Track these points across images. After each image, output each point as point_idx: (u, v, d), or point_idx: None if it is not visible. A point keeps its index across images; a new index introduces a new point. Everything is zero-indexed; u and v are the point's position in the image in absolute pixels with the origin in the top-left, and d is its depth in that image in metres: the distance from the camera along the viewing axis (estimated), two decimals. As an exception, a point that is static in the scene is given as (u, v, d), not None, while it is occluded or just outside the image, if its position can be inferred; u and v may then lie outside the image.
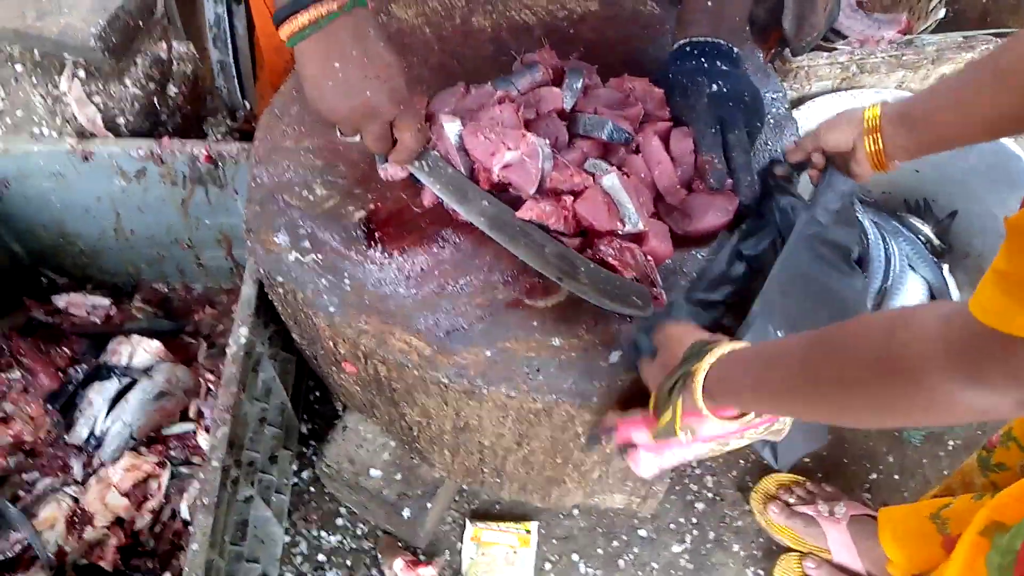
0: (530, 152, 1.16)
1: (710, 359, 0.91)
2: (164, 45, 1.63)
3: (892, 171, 1.15)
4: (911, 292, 1.82)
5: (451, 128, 1.18)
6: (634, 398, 1.10)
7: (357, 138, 1.07)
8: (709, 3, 1.26)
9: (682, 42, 1.28)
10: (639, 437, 1.02)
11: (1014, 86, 0.93)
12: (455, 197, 1.17)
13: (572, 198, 1.16)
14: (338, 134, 1.07)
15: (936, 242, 1.91)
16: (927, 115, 1.06)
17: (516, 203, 1.16)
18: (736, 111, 1.20)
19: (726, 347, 0.92)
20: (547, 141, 1.19)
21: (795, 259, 1.13)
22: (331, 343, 1.18)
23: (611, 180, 1.16)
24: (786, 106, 1.41)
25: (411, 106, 1.06)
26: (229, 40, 1.90)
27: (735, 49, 1.26)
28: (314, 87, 0.99)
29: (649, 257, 1.14)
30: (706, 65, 1.23)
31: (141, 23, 1.53)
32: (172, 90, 1.70)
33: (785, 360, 0.85)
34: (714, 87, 1.21)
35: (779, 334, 1.07)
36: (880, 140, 1.10)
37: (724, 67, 1.24)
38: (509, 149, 1.15)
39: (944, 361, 0.66)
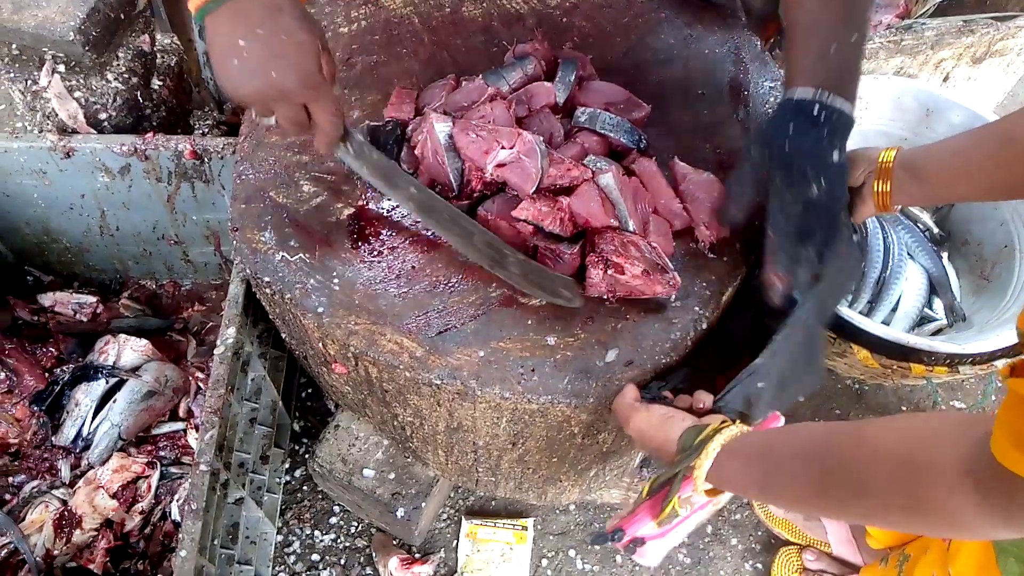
0: (527, 151, 1.13)
1: (709, 456, 0.90)
2: (147, 38, 1.59)
3: (892, 213, 1.16)
4: (910, 280, 1.80)
5: (441, 128, 1.15)
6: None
7: (272, 120, 1.01)
8: (832, 49, 1.06)
9: (809, 98, 1.06)
10: (645, 530, 0.99)
11: (1019, 156, 0.93)
12: (383, 182, 1.11)
13: (568, 199, 1.13)
14: (252, 114, 1.01)
15: (935, 230, 1.89)
16: (936, 171, 1.06)
17: (513, 203, 1.13)
18: (819, 225, 1.07)
19: (721, 439, 0.91)
20: (542, 138, 1.16)
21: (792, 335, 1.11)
22: (320, 344, 1.15)
23: (607, 179, 1.13)
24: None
25: (324, 89, 0.97)
26: (215, 31, 1.86)
27: (854, 120, 1.08)
28: (219, 64, 0.92)
29: (654, 245, 1.11)
30: (824, 146, 1.05)
31: (122, 16, 1.50)
32: (156, 83, 1.66)
33: (792, 471, 0.83)
34: (815, 190, 1.05)
35: (760, 385, 1.06)
36: (888, 184, 1.10)
37: (835, 154, 1.06)
38: (503, 148, 1.12)
39: (976, 508, 0.66)
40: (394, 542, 1.67)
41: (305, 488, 1.74)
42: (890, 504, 0.73)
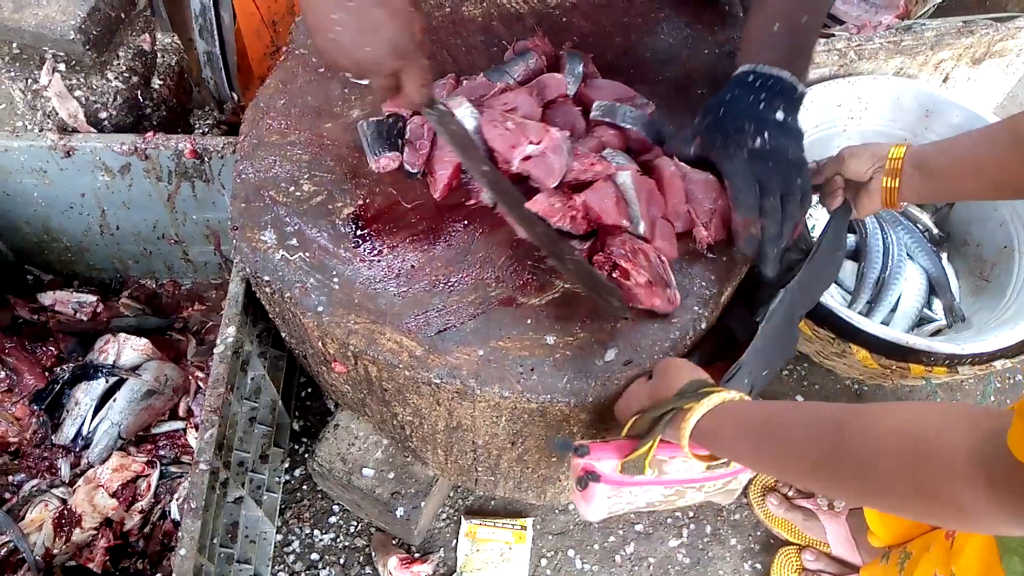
0: (553, 146, 1.14)
1: (708, 404, 0.89)
2: (147, 37, 1.59)
3: (897, 210, 1.18)
4: (910, 281, 1.80)
5: (463, 112, 1.16)
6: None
7: (366, 82, 1.05)
8: (776, 27, 1.12)
9: (746, 69, 1.13)
10: (605, 466, 0.97)
11: None
12: (460, 153, 1.14)
13: (582, 198, 1.13)
14: (347, 75, 1.05)
15: (934, 231, 1.89)
16: (944, 168, 1.08)
17: (533, 195, 1.14)
18: (774, 174, 1.09)
19: (725, 395, 0.90)
20: (567, 133, 1.16)
21: (780, 315, 1.14)
22: (320, 343, 1.16)
23: (624, 178, 1.13)
24: (783, 95, 1.38)
25: (416, 60, 1.00)
26: (216, 30, 1.86)
27: (798, 87, 1.13)
28: (316, 38, 0.95)
29: (663, 258, 1.11)
30: (761, 107, 1.10)
31: (123, 15, 1.50)
32: (156, 83, 1.66)
33: (793, 441, 0.83)
34: (757, 142, 1.08)
35: (745, 381, 1.08)
36: (897, 181, 1.11)
37: (778, 114, 1.10)
38: (531, 143, 1.13)
39: (985, 501, 0.65)
40: (393, 541, 1.68)
41: (305, 487, 1.74)
42: (892, 486, 0.72)
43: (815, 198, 1.30)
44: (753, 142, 1.08)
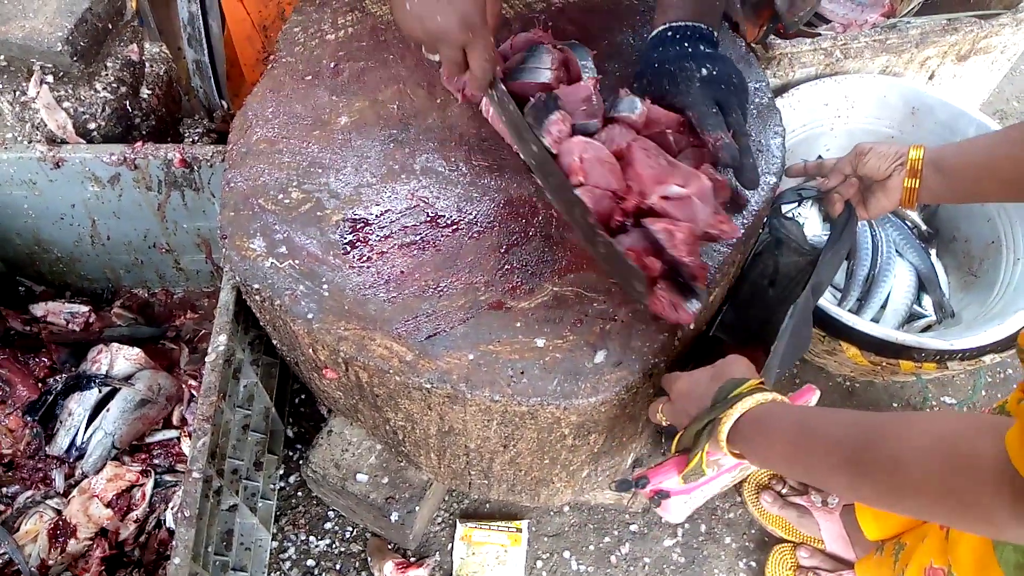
0: (701, 193, 1.09)
1: (740, 408, 0.92)
2: (135, 47, 1.59)
3: (913, 210, 1.21)
4: (899, 278, 1.81)
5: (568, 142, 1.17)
6: (621, 402, 1.09)
7: (437, 58, 1.10)
8: None
9: (662, 28, 1.23)
10: (669, 483, 1.02)
11: None
12: (513, 133, 1.20)
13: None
14: (422, 50, 1.12)
15: (923, 227, 1.90)
16: (962, 168, 1.10)
17: (646, 241, 1.11)
18: (729, 94, 1.17)
19: (759, 397, 0.92)
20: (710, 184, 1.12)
21: (801, 310, 1.17)
22: (310, 350, 1.16)
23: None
24: (769, 95, 1.39)
25: (480, 34, 1.05)
26: (204, 39, 1.87)
27: (715, 32, 1.23)
28: (394, 10, 1.05)
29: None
30: (690, 49, 1.20)
31: (110, 25, 1.50)
32: (145, 93, 1.66)
33: (829, 439, 0.84)
34: (704, 71, 1.17)
35: (775, 363, 1.11)
36: (918, 181, 1.14)
37: (707, 50, 1.21)
38: (678, 185, 1.09)
39: (1010, 512, 0.66)
40: (389, 546, 1.68)
41: (300, 494, 1.74)
42: (923, 487, 0.73)
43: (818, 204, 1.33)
44: (699, 72, 1.17)
